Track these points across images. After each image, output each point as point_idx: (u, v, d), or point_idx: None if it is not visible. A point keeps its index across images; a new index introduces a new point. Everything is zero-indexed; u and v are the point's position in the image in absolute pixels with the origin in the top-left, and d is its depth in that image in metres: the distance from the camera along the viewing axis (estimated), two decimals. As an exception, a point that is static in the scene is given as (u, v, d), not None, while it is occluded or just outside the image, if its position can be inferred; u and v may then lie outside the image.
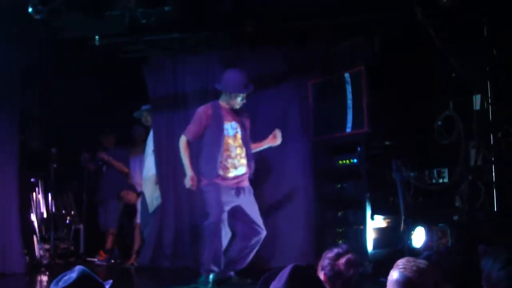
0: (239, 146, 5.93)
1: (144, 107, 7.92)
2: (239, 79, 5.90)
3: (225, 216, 5.78)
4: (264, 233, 5.93)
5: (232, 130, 5.93)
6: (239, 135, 5.95)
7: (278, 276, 2.59)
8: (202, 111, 5.98)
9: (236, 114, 6.00)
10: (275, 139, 6.16)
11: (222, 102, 6.00)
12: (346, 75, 6.34)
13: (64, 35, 6.71)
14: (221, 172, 5.82)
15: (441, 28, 5.66)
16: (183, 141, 5.97)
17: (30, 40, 6.86)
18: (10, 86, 7.04)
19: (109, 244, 8.11)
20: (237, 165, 5.89)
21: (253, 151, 6.14)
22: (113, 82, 8.07)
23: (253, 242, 5.90)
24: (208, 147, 5.89)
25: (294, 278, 2.55)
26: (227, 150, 5.86)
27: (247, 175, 5.99)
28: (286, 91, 7.04)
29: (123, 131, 8.54)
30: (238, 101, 5.92)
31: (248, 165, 5.97)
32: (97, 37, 6.88)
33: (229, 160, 5.86)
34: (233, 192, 5.84)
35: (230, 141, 5.89)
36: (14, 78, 7.07)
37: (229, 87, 5.89)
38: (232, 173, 5.87)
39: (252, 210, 5.94)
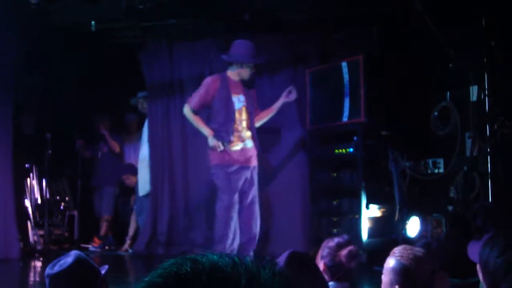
0: (245, 120, 5.91)
1: (140, 94, 7.89)
2: (249, 49, 5.87)
3: (236, 199, 5.82)
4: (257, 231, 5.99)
5: (239, 103, 5.90)
6: (245, 109, 5.92)
7: (276, 261, 2.58)
8: (210, 81, 5.91)
9: (244, 86, 5.96)
10: (290, 95, 6.12)
11: (231, 74, 5.94)
12: (344, 64, 6.33)
13: (59, 20, 6.67)
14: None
15: (439, 19, 5.66)
16: (187, 109, 5.95)
17: (24, 26, 6.81)
18: (3, 72, 6.99)
19: (103, 230, 8.10)
20: (244, 137, 5.88)
21: (269, 116, 6.16)
22: (109, 68, 8.03)
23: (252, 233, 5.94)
24: (218, 118, 5.85)
25: (292, 263, 2.54)
26: (235, 123, 5.84)
27: (256, 151, 5.96)
28: (283, 79, 7.02)
29: (119, 118, 8.51)
30: (248, 71, 5.88)
31: (253, 138, 5.95)
32: (93, 22, 6.83)
33: (236, 134, 5.84)
34: (240, 174, 5.84)
35: (237, 114, 5.87)
36: (7, 64, 7.02)
37: (240, 57, 5.85)
38: (238, 147, 5.85)
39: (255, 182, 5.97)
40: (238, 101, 5.89)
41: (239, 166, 5.84)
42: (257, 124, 6.15)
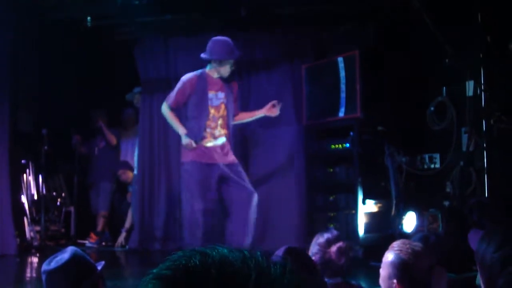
0: (221, 117, 5.87)
1: (136, 90, 7.88)
2: (226, 46, 5.82)
3: (203, 206, 5.76)
4: (256, 195, 5.89)
5: (216, 100, 5.86)
6: (223, 106, 5.88)
7: (273, 256, 2.59)
8: (187, 79, 5.91)
9: (224, 83, 5.91)
10: (273, 110, 6.06)
11: (210, 71, 5.90)
12: (340, 59, 6.32)
13: (55, 17, 6.65)
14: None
15: (436, 15, 5.66)
16: (165, 107, 5.97)
17: (20, 23, 6.79)
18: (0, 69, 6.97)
19: (100, 226, 8.09)
20: (217, 135, 5.84)
21: (247, 119, 6.15)
22: (104, 64, 8.01)
23: (252, 206, 5.84)
24: (192, 115, 5.85)
25: (289, 257, 2.54)
26: (209, 119, 5.82)
27: (229, 150, 5.90)
28: (279, 75, 7.02)
29: (115, 114, 8.50)
30: (228, 69, 5.83)
31: (228, 136, 5.90)
32: (89, 18, 6.81)
33: (208, 130, 5.82)
34: (215, 173, 5.80)
35: (213, 111, 5.84)
36: (4, 61, 6.99)
37: (216, 54, 5.81)
38: (210, 143, 5.82)
39: (240, 178, 5.87)
40: (216, 98, 5.86)
41: (211, 162, 5.80)
42: (233, 123, 6.12)
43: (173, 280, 0.98)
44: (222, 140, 5.84)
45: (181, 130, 5.85)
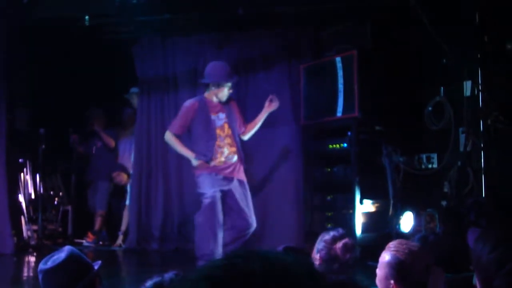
0: (228, 136, 5.91)
1: (132, 90, 7.88)
2: (223, 69, 5.89)
3: (219, 195, 5.76)
4: (254, 226, 5.93)
5: (219, 121, 5.91)
6: (227, 125, 5.92)
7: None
8: (189, 105, 5.96)
9: (223, 105, 5.96)
10: (272, 104, 6.07)
11: (209, 96, 5.95)
12: (338, 59, 6.32)
13: (53, 15, 6.64)
14: (213, 160, 5.82)
15: (433, 14, 5.66)
16: (169, 135, 5.98)
17: (17, 21, 6.79)
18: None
19: (97, 225, 8.09)
20: (227, 153, 5.87)
21: (256, 127, 6.13)
22: (102, 63, 8.00)
23: (242, 233, 5.90)
24: (199, 137, 5.88)
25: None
26: (216, 141, 5.85)
27: (241, 166, 5.94)
28: (277, 74, 7.02)
29: (113, 113, 8.49)
30: (225, 92, 5.88)
31: (238, 153, 5.94)
32: (87, 17, 6.80)
33: (219, 150, 5.84)
34: (225, 181, 5.84)
35: (219, 131, 5.88)
36: (0, 60, 6.98)
37: (215, 77, 5.86)
38: (221, 161, 5.83)
39: (245, 201, 5.92)
40: (218, 119, 5.90)
41: (227, 176, 5.85)
42: (246, 137, 6.15)
43: (229, 283, 0.94)
44: (234, 158, 5.89)
45: (189, 154, 5.89)
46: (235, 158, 5.90)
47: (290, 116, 6.96)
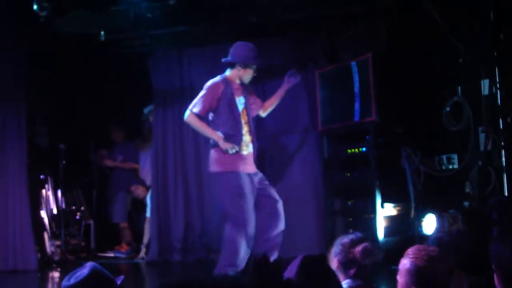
0: (246, 123, 5.63)
1: (146, 110, 8.04)
2: (251, 50, 5.64)
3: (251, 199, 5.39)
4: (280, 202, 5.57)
5: (240, 105, 5.63)
6: (245, 111, 5.65)
7: (289, 266, 2.58)
8: (214, 85, 5.59)
9: (244, 89, 5.71)
10: (291, 79, 5.86)
11: (231, 76, 5.65)
12: (353, 63, 6.30)
13: (69, 31, 6.71)
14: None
15: (447, 13, 5.63)
16: (192, 116, 5.53)
17: (34, 38, 6.87)
18: (16, 84, 7.07)
19: (127, 236, 8.19)
20: (247, 142, 5.58)
21: (275, 103, 5.89)
22: (119, 77, 8.08)
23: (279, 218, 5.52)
24: (226, 123, 5.53)
25: (305, 268, 2.54)
26: (242, 127, 5.58)
27: (254, 155, 5.64)
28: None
29: (131, 126, 8.56)
30: (250, 74, 5.63)
31: (253, 142, 5.64)
32: (102, 32, 6.87)
33: (243, 137, 5.56)
34: (252, 183, 5.48)
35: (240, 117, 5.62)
36: (19, 76, 7.09)
37: (244, 58, 5.60)
38: (246, 151, 5.54)
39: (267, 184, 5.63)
40: (240, 103, 5.65)
41: (249, 172, 5.53)
42: (264, 114, 5.94)
43: None
44: (251, 148, 5.60)
45: (216, 135, 5.49)
46: (252, 148, 5.59)
47: (308, 122, 6.94)
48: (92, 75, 8.02)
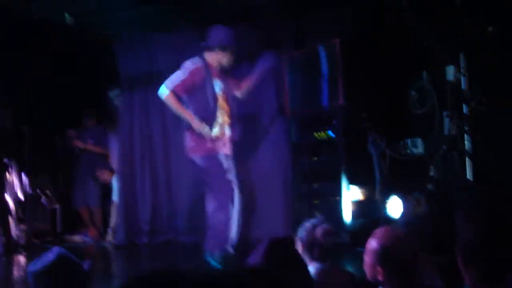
0: (224, 107, 5.67)
1: (112, 93, 7.95)
2: (230, 33, 5.66)
3: (232, 188, 5.54)
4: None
5: (218, 88, 5.64)
6: (223, 95, 5.68)
7: (255, 250, 2.61)
8: (193, 65, 5.58)
9: (222, 72, 5.72)
10: (266, 63, 5.91)
11: (210, 59, 5.65)
12: (320, 48, 6.32)
13: (33, 13, 6.60)
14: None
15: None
16: (169, 94, 5.50)
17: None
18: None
19: (98, 220, 8.14)
20: (222, 123, 5.62)
21: (244, 90, 5.92)
22: (85, 60, 7.97)
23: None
24: (200, 102, 5.55)
25: (271, 252, 2.56)
26: (217, 108, 5.60)
27: (229, 137, 5.72)
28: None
29: (99, 110, 8.48)
30: (229, 56, 5.63)
31: (232, 125, 5.72)
32: (67, 14, 6.75)
33: (215, 121, 5.60)
34: (227, 164, 5.61)
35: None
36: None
37: (222, 41, 5.61)
38: (217, 133, 5.59)
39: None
40: (217, 86, 5.67)
41: (223, 153, 5.62)
42: (240, 95, 5.97)
43: None
44: (227, 129, 5.66)
45: (189, 115, 5.51)
46: (228, 131, 5.67)
47: (276, 107, 6.95)
48: (58, 57, 7.89)
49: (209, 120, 5.53)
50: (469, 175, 5.45)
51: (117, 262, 6.91)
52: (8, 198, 7.41)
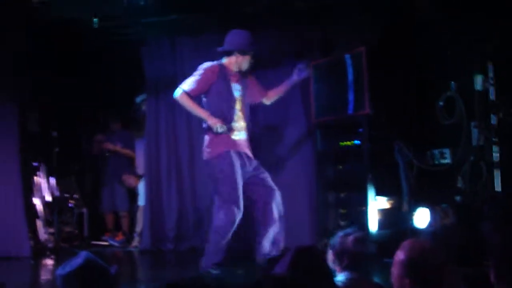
0: (240, 110, 5.66)
1: (138, 99, 8.03)
2: (247, 37, 5.67)
3: (240, 194, 5.42)
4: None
5: (236, 92, 5.66)
6: (241, 99, 5.68)
7: (281, 260, 2.61)
8: (209, 68, 5.62)
9: (241, 76, 5.73)
10: (301, 74, 5.89)
11: (228, 63, 5.68)
12: (347, 56, 6.31)
13: (61, 18, 6.70)
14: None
15: (441, 7, 5.64)
16: (184, 95, 5.55)
17: (26, 24, 6.84)
18: (7, 70, 7.02)
19: (125, 225, 8.21)
20: (239, 128, 5.62)
21: (276, 96, 5.94)
22: (112, 65, 8.06)
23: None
24: (217, 104, 5.56)
25: (297, 261, 2.56)
26: (234, 109, 5.61)
27: (247, 142, 5.69)
28: (287, 73, 6.99)
29: (125, 114, 8.57)
30: (247, 61, 5.65)
31: (248, 131, 5.69)
32: (95, 19, 6.85)
33: (233, 124, 5.59)
34: (245, 160, 5.56)
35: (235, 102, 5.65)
36: (11, 62, 7.05)
37: (240, 45, 5.63)
38: (237, 136, 5.58)
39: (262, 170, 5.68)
40: (235, 89, 5.67)
41: (242, 151, 5.57)
42: (269, 101, 5.99)
43: None
44: (243, 135, 5.64)
45: (205, 114, 5.52)
46: (245, 135, 5.64)
47: (301, 115, 6.95)
48: (85, 62, 8.00)
49: (226, 120, 5.53)
50: (497, 186, 5.39)
51: (143, 267, 6.95)
52: (36, 201, 7.52)
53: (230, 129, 5.52)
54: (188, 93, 5.56)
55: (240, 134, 5.63)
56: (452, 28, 5.61)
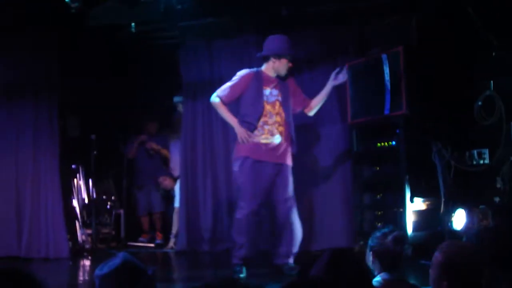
0: (277, 114, 5.71)
1: (176, 99, 8.08)
2: (284, 42, 5.75)
3: (256, 207, 5.60)
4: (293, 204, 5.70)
5: (272, 97, 5.72)
6: (278, 103, 5.73)
7: (316, 262, 2.60)
8: (244, 75, 5.77)
9: (280, 80, 5.80)
10: (339, 77, 5.94)
11: (266, 69, 5.78)
12: (384, 56, 6.25)
13: (99, 23, 6.79)
14: (257, 133, 5.63)
15: (479, 5, 5.55)
16: (217, 100, 5.76)
17: (65, 29, 6.96)
18: (47, 74, 7.18)
19: (159, 226, 8.28)
20: (274, 132, 5.67)
21: (321, 101, 5.98)
22: (150, 68, 8.15)
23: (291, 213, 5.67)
24: (246, 110, 5.70)
25: (333, 263, 2.55)
26: (265, 116, 5.67)
27: (289, 149, 5.75)
28: (323, 74, 6.97)
29: (161, 117, 8.64)
30: (285, 65, 5.73)
31: (287, 134, 5.74)
32: (133, 24, 6.93)
33: (266, 127, 5.65)
34: (267, 173, 5.63)
35: (269, 107, 5.68)
36: (51, 66, 7.20)
37: (277, 50, 5.71)
38: (267, 140, 5.64)
39: (287, 181, 5.70)
40: (271, 94, 5.72)
41: (263, 160, 5.63)
42: (311, 112, 6.04)
43: None
44: (278, 139, 5.68)
45: (234, 121, 5.71)
46: (280, 139, 5.69)
47: (337, 115, 6.92)
48: (123, 66, 8.09)
49: (251, 125, 5.64)
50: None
51: (179, 268, 7.00)
52: (75, 203, 7.64)
53: (258, 137, 5.63)
54: (221, 99, 5.74)
55: (273, 139, 5.66)
56: (491, 25, 5.50)
